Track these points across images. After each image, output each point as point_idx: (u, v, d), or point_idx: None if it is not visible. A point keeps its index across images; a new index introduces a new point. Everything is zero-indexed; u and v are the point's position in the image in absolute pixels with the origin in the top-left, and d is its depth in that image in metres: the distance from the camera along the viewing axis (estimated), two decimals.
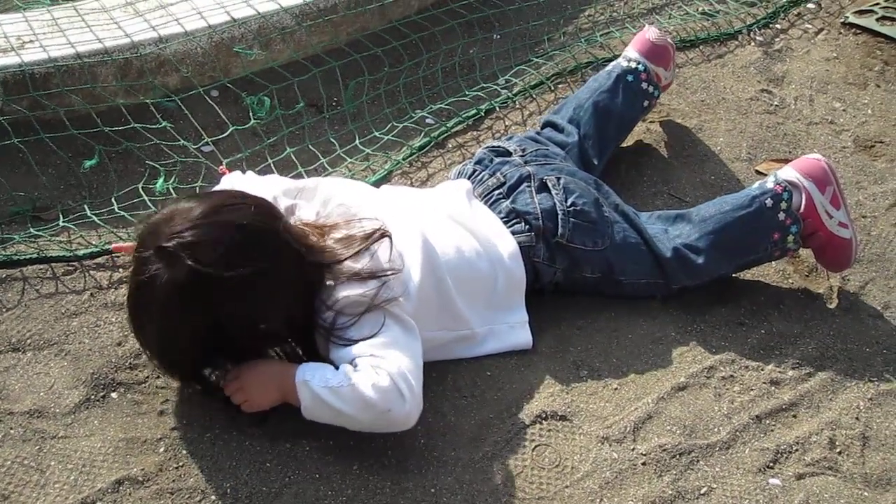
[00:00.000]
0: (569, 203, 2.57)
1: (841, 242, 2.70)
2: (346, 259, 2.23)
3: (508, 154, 2.73)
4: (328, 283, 2.21)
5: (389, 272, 2.23)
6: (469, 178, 2.69)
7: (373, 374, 2.12)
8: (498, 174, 2.66)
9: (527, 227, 2.54)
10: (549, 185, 2.61)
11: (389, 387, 2.12)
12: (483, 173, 2.68)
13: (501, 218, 2.57)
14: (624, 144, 3.14)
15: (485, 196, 2.62)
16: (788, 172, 2.70)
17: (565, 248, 2.55)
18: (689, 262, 2.63)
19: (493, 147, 2.78)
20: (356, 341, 2.19)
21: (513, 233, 2.54)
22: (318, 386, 2.14)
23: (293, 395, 2.17)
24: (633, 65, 3.07)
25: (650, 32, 3.13)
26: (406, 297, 2.27)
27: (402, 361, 2.17)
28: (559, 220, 2.55)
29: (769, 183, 2.69)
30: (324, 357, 2.24)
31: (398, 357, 2.17)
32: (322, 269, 2.22)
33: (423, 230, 2.39)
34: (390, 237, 2.27)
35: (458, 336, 2.45)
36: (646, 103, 3.10)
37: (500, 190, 2.62)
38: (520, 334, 2.50)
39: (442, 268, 2.39)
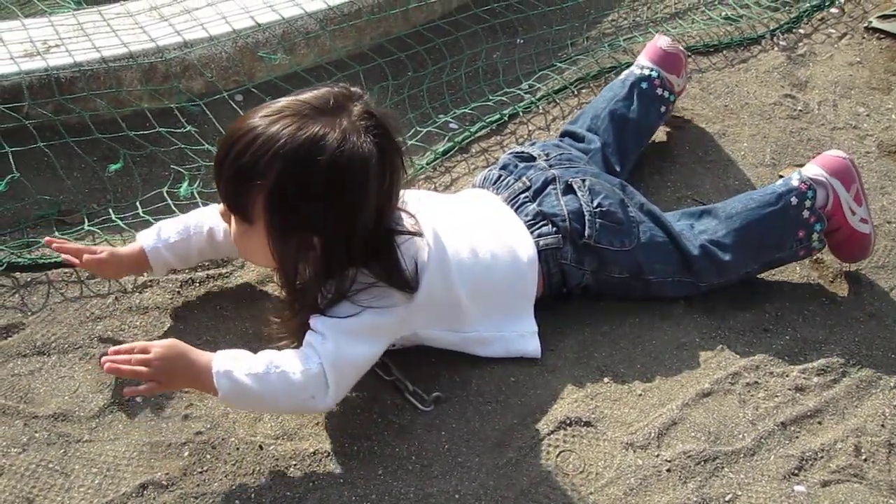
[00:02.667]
0: (595, 204, 2.57)
1: (861, 237, 2.72)
2: (406, 234, 2.25)
3: (533, 159, 2.73)
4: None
5: (404, 287, 2.24)
6: (495, 183, 2.69)
7: (304, 360, 2.16)
8: (524, 178, 2.66)
9: (554, 229, 2.54)
10: (575, 186, 2.61)
11: (318, 374, 2.15)
12: (509, 178, 2.68)
13: (528, 221, 2.56)
14: (647, 149, 3.13)
15: (511, 200, 2.62)
16: (814, 170, 2.70)
17: (593, 250, 2.55)
18: (717, 259, 2.63)
19: (517, 152, 2.78)
20: (328, 315, 2.20)
21: (539, 235, 2.54)
22: (240, 373, 2.13)
23: (208, 384, 2.13)
24: (647, 72, 3.08)
25: (661, 41, 3.14)
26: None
27: (344, 351, 2.18)
28: (586, 221, 2.55)
29: (794, 181, 2.69)
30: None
31: (343, 346, 2.18)
32: (386, 231, 2.22)
33: (436, 231, 2.38)
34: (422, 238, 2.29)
35: (464, 337, 2.45)
36: (662, 109, 3.10)
37: (527, 193, 2.62)
38: (529, 343, 2.50)
39: (452, 271, 2.38)
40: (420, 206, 2.41)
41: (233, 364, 2.14)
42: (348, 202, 2.11)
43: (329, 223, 2.13)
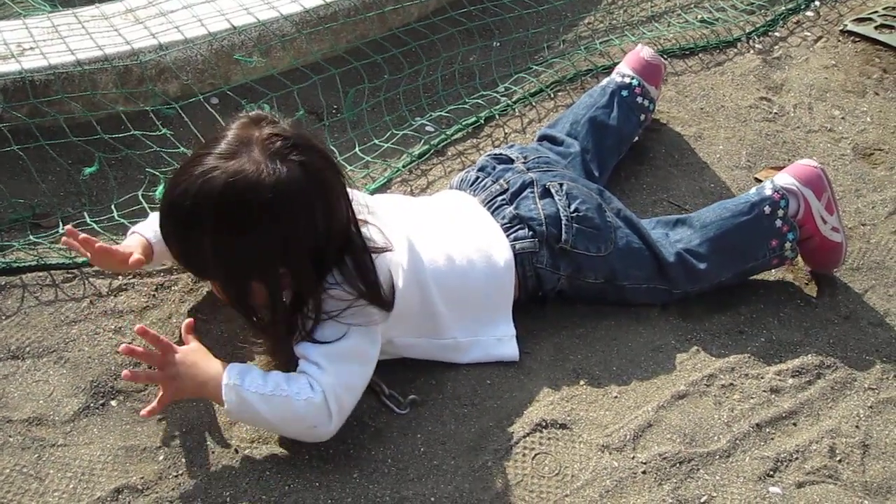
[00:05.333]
0: (572, 209, 2.58)
1: (833, 246, 2.74)
2: (376, 251, 2.23)
3: (511, 161, 2.72)
4: (335, 271, 2.20)
5: (381, 304, 2.24)
6: (472, 185, 2.69)
7: (307, 389, 2.16)
8: (501, 180, 2.66)
9: (530, 232, 2.54)
10: (553, 190, 2.61)
11: (320, 404, 2.16)
12: (486, 180, 2.68)
13: (504, 223, 2.56)
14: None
15: (488, 202, 2.62)
16: (785, 179, 2.72)
17: (569, 254, 2.55)
18: (692, 268, 2.64)
19: (495, 154, 2.77)
20: (315, 340, 2.20)
21: (516, 238, 2.53)
22: (248, 390, 2.15)
23: (216, 394, 2.17)
24: (627, 80, 3.10)
25: (644, 51, 3.15)
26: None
27: (342, 379, 2.19)
28: (563, 225, 2.55)
29: (767, 190, 2.70)
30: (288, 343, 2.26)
31: (340, 374, 2.19)
32: (354, 246, 2.21)
33: (410, 238, 2.38)
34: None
35: (441, 344, 2.45)
36: (642, 117, 3.12)
37: (504, 196, 2.62)
38: (506, 346, 2.50)
39: (427, 278, 2.38)
40: (394, 212, 2.41)
41: (242, 379, 2.17)
42: (290, 229, 2.10)
43: (282, 255, 2.13)
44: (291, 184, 2.07)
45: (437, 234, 2.47)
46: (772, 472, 2.31)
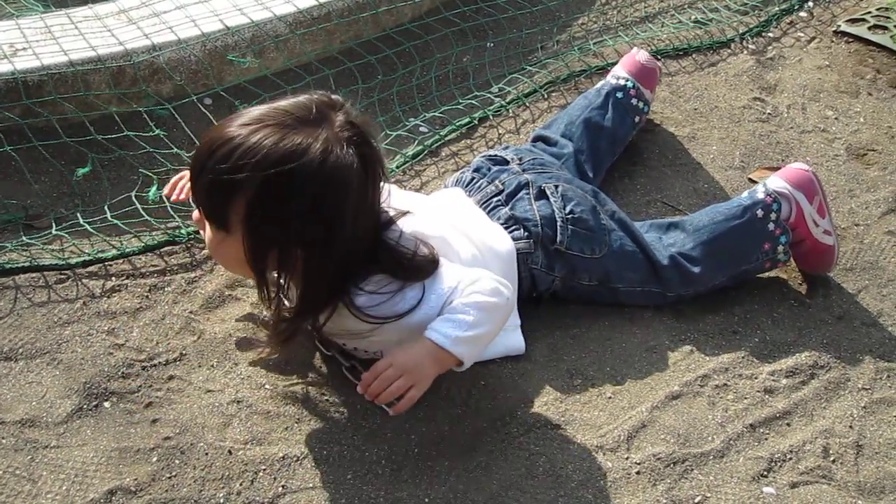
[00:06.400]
0: (567, 210, 2.58)
1: (825, 248, 2.75)
2: (397, 217, 2.26)
3: (506, 162, 2.73)
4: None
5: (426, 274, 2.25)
6: (467, 186, 2.69)
7: (476, 286, 2.20)
8: (496, 182, 2.66)
9: (526, 233, 2.54)
10: (548, 192, 2.61)
11: (495, 285, 2.22)
12: (481, 181, 2.68)
13: (500, 224, 2.56)
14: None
15: (483, 203, 2.62)
16: (777, 182, 2.73)
17: (564, 256, 2.56)
18: (686, 271, 2.64)
19: (490, 156, 2.77)
20: (407, 312, 2.21)
21: (511, 239, 2.53)
22: (465, 333, 2.17)
23: (446, 360, 2.20)
24: (622, 82, 3.10)
25: (640, 55, 3.16)
26: None
27: (467, 276, 2.23)
28: (558, 227, 2.55)
29: (759, 193, 2.71)
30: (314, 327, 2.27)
31: (464, 278, 2.23)
32: (387, 245, 2.23)
33: (437, 228, 2.39)
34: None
35: None
36: (637, 119, 3.12)
37: (499, 197, 2.62)
38: (511, 337, 2.50)
39: (452, 246, 2.39)
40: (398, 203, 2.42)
41: (449, 330, 2.17)
42: (330, 214, 2.09)
43: (309, 234, 2.11)
44: (347, 171, 2.08)
45: (444, 229, 2.46)
46: (765, 473, 2.31)
